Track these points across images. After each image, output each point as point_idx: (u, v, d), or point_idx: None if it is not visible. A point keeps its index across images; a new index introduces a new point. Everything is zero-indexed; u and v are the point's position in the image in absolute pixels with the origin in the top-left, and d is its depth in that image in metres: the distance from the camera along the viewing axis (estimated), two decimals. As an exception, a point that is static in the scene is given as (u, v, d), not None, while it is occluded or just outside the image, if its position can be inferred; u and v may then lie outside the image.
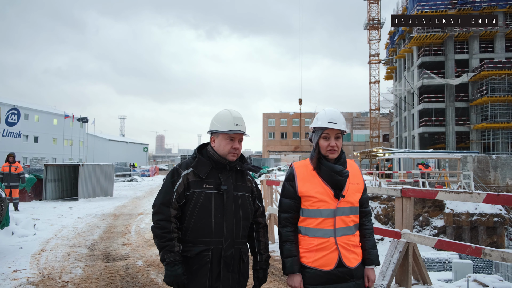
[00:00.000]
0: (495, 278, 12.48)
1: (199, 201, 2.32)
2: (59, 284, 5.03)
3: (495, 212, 19.96)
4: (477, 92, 43.74)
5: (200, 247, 2.30)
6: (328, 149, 2.40)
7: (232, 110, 2.53)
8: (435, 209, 21.62)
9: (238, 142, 2.47)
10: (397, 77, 60.65)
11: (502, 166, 25.80)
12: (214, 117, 2.53)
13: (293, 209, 2.43)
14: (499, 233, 20.08)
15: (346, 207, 2.37)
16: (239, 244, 2.40)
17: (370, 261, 2.44)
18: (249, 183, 2.57)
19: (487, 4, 43.81)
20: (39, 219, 10.88)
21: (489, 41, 45.36)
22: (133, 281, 5.18)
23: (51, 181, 17.79)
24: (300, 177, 2.44)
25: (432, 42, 46.64)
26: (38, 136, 55.53)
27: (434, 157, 28.94)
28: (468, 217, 20.15)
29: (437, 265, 15.96)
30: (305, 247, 2.37)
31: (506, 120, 41.00)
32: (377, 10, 63.27)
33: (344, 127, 2.44)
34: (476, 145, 43.54)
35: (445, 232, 20.66)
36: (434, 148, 48.20)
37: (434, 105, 45.93)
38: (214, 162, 2.43)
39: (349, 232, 2.37)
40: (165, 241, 2.25)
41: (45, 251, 7.10)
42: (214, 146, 2.47)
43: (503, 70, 40.98)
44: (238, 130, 2.45)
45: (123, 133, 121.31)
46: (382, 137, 74.71)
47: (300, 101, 65.98)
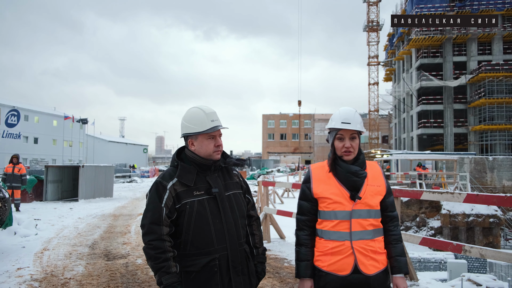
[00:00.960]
0: (488, 277, 12.69)
1: (194, 211, 2.19)
2: (62, 281, 5.24)
3: (491, 213, 20.18)
4: (475, 94, 44.02)
5: (205, 258, 2.17)
6: (343, 151, 2.34)
7: (202, 106, 2.39)
8: (432, 210, 21.84)
9: (219, 137, 2.35)
10: (396, 79, 60.95)
11: (498, 168, 26.03)
12: (184, 118, 2.37)
13: (310, 212, 2.38)
14: (494, 233, 20.29)
15: (363, 210, 2.28)
16: (242, 244, 2.33)
17: (398, 269, 2.31)
18: (236, 179, 2.47)
19: (485, 7, 44.11)
20: (41, 219, 11.07)
21: (487, 44, 45.67)
22: (133, 278, 5.39)
23: (51, 182, 17.98)
24: (316, 178, 2.39)
25: (430, 44, 46.97)
26: (38, 137, 55.73)
27: (431, 159, 29.19)
28: (464, 218, 20.37)
29: (433, 265, 16.17)
30: (320, 250, 2.32)
31: (504, 122, 41.29)
32: (376, 12, 63.67)
33: (359, 127, 2.36)
34: (474, 147, 43.80)
35: (442, 232, 20.88)
36: (433, 149, 48.44)
37: (432, 106, 46.24)
38: (198, 166, 2.30)
39: (367, 237, 2.26)
40: (160, 262, 2.10)
41: (47, 250, 7.31)
42: (195, 149, 2.32)
43: (500, 72, 41.28)
44: (217, 127, 2.31)
45: (122, 134, 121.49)
46: (381, 139, 75.09)
47: (300, 103, 66.38)
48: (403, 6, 53.62)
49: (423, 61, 46.66)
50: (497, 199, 3.63)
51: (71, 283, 5.12)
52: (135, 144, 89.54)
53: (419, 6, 45.91)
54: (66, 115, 52.70)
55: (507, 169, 25.94)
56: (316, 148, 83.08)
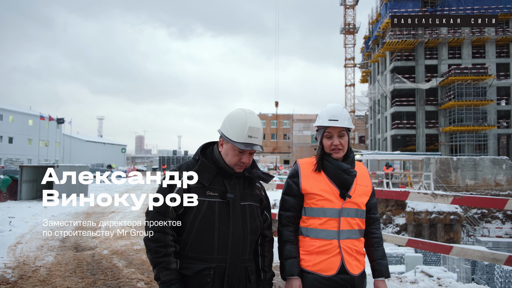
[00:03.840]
0: (439, 269, 13.68)
1: (201, 211, 2.05)
2: (33, 268, 5.79)
3: (452, 210, 21.31)
4: (445, 96, 45.60)
5: (200, 264, 2.02)
6: (331, 148, 2.28)
7: (250, 114, 2.16)
8: (398, 207, 22.88)
9: (248, 155, 2.15)
10: (372, 81, 62.42)
11: (462, 168, 27.34)
12: (228, 117, 2.18)
13: (295, 208, 2.29)
14: (455, 230, 21.43)
15: (352, 208, 2.23)
16: (245, 262, 2.12)
17: (379, 273, 2.29)
18: (258, 191, 2.28)
19: (455, 12, 45.70)
20: (15, 217, 11.49)
21: (457, 48, 47.31)
22: (98, 265, 5.98)
23: (26, 181, 18.25)
24: (305, 173, 2.30)
25: (403, 48, 48.35)
26: (12, 137, 55.17)
27: (399, 159, 30.44)
28: (427, 215, 21.45)
29: (395, 259, 17.11)
30: (305, 249, 2.23)
31: (472, 123, 42.92)
32: (353, 16, 64.99)
33: (347, 123, 2.29)
34: (444, 147, 45.37)
35: (407, 229, 21.93)
36: (406, 149, 49.90)
37: (405, 108, 47.66)
38: (219, 168, 2.15)
39: (354, 236, 2.23)
40: (160, 256, 1.99)
41: (21, 243, 7.81)
42: (222, 151, 2.17)
43: (469, 76, 42.90)
44: (250, 146, 2.10)
45: (101, 133, 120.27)
46: (358, 139, 76.62)
47: (277, 104, 67.35)
48: (378, 9, 55.06)
49: (397, 64, 48.04)
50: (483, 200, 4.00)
51: (41, 270, 5.68)
52: (113, 144, 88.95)
53: (393, 10, 47.32)
54: (42, 114, 52.28)
55: (470, 169, 27.27)
56: (295, 148, 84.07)
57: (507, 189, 27.01)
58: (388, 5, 47.94)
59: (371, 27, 59.70)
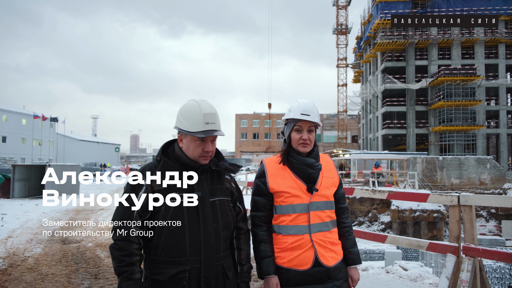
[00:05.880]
0: (416, 264, 14.19)
1: (169, 213, 1.98)
2: (22, 258, 6.27)
3: (435, 208, 21.90)
4: (435, 96, 46.27)
5: (174, 268, 1.96)
6: (300, 143, 2.29)
7: (202, 102, 2.10)
8: (383, 206, 23.45)
9: (210, 143, 2.09)
10: (364, 81, 63.04)
11: (447, 167, 27.99)
12: (181, 110, 2.12)
13: (266, 207, 2.30)
14: (438, 227, 22.03)
15: (320, 201, 2.26)
16: (220, 259, 2.07)
17: (352, 261, 2.36)
18: (227, 184, 2.22)
19: (445, 13, 46.38)
20: (7, 214, 11.93)
21: (447, 49, 47.96)
22: (82, 256, 6.47)
23: (18, 180, 18.67)
24: (271, 172, 2.31)
25: (394, 48, 48.95)
26: (6, 136, 55.31)
27: (386, 158, 31.05)
28: (411, 213, 22.03)
29: (377, 256, 17.66)
30: (279, 247, 2.25)
31: (461, 123, 43.59)
32: (345, 16, 65.44)
33: (317, 119, 2.32)
34: (434, 147, 46.04)
35: (392, 227, 22.50)
36: (397, 149, 50.56)
37: (396, 108, 48.26)
38: (183, 165, 2.09)
39: (325, 228, 2.25)
40: (123, 265, 1.92)
41: (11, 237, 8.27)
42: (183, 147, 2.11)
43: (458, 76, 43.54)
44: (209, 132, 2.06)
45: (95, 133, 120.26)
46: (351, 138, 77.27)
47: (270, 106, 68.09)
48: (370, 10, 55.68)
49: (388, 64, 48.64)
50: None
51: (29, 260, 6.16)
52: (107, 143, 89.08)
53: (384, 11, 47.95)
54: (35, 114, 52.48)
55: (455, 168, 27.92)
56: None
57: (491, 188, 27.71)
58: (379, 6, 48.55)
59: (363, 28, 60.36)
